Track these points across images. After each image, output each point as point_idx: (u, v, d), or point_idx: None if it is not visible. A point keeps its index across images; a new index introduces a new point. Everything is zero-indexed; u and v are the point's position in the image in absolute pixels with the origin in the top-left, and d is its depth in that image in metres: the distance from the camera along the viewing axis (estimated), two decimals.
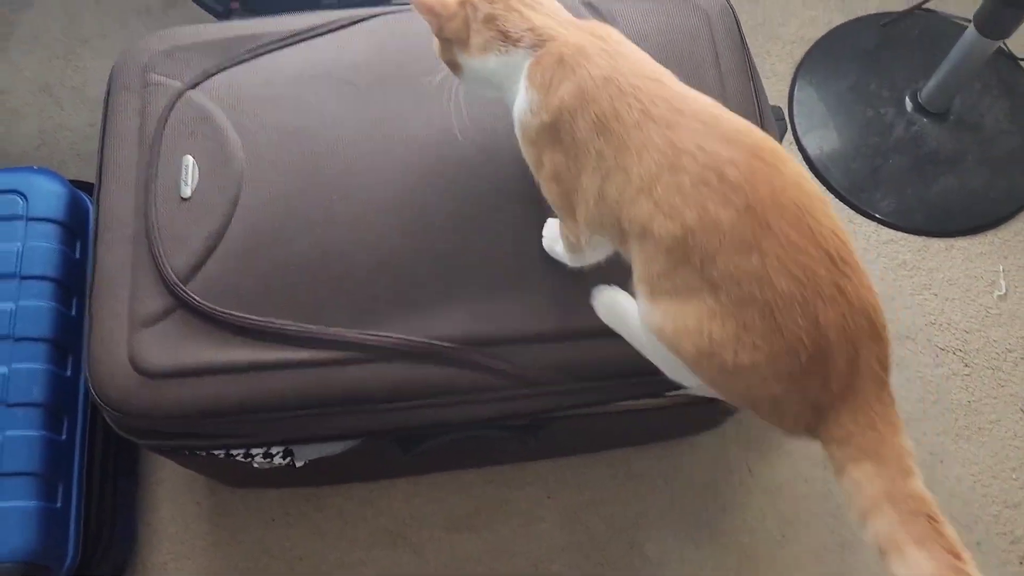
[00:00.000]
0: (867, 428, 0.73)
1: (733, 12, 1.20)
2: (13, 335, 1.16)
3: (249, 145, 1.06)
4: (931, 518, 0.69)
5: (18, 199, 1.24)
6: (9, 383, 1.14)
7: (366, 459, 1.16)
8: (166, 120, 1.08)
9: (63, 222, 1.25)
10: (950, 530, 0.69)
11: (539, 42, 0.84)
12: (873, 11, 1.75)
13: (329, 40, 1.15)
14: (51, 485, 1.13)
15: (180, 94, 1.10)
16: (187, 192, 1.04)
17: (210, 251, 1.01)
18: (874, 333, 0.74)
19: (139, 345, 0.97)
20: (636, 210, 0.78)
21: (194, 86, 1.11)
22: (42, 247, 1.22)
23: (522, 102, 0.85)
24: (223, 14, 1.46)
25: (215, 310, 0.98)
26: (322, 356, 0.97)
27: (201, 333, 0.98)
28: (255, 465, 1.11)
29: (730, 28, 1.17)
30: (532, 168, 0.90)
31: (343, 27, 1.15)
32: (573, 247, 0.92)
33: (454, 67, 0.91)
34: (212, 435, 1.01)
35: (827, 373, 0.73)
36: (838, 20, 1.74)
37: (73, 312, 1.23)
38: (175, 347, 0.97)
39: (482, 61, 0.87)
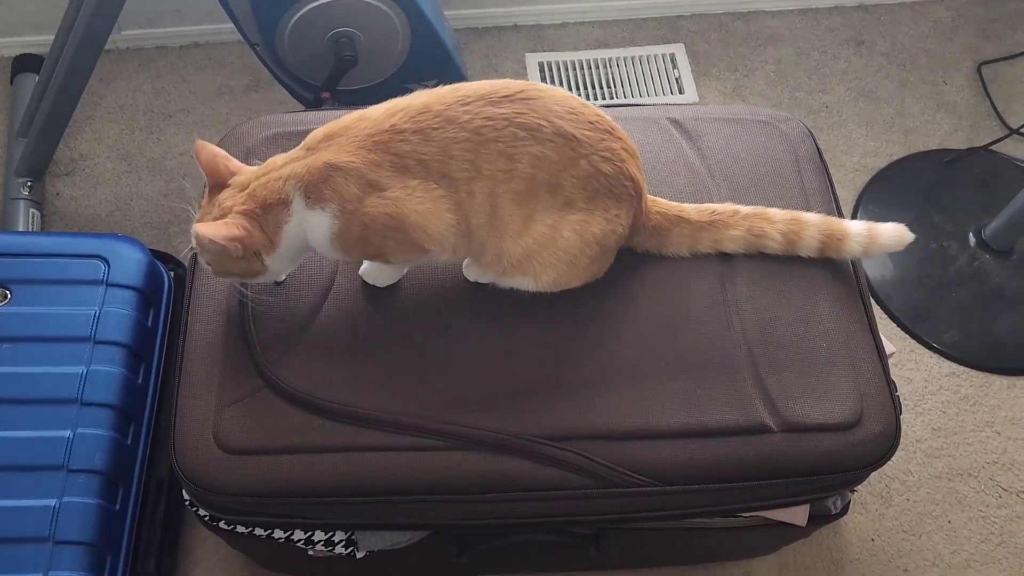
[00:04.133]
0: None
1: (813, 137, 1.23)
2: (81, 399, 1.16)
3: None
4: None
5: (100, 264, 1.26)
6: (72, 448, 1.12)
7: (422, 556, 1.13)
8: None
9: (141, 290, 1.26)
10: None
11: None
12: (934, 147, 1.79)
13: None
14: (101, 557, 1.11)
15: None
16: (281, 277, 1.05)
17: (301, 334, 1.02)
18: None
19: (225, 422, 0.96)
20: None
21: None
22: (118, 313, 1.23)
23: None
24: (313, 103, 1.51)
25: (301, 391, 0.98)
26: (404, 442, 0.96)
27: (286, 412, 0.97)
28: (310, 553, 1.08)
29: (811, 152, 1.20)
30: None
31: None
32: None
33: (256, 273, 0.95)
34: (285, 515, 0.99)
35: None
36: (899, 153, 1.78)
37: (140, 380, 1.23)
38: (259, 426, 0.97)
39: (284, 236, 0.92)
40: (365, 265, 1.04)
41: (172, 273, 1.39)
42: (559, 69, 1.88)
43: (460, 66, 1.54)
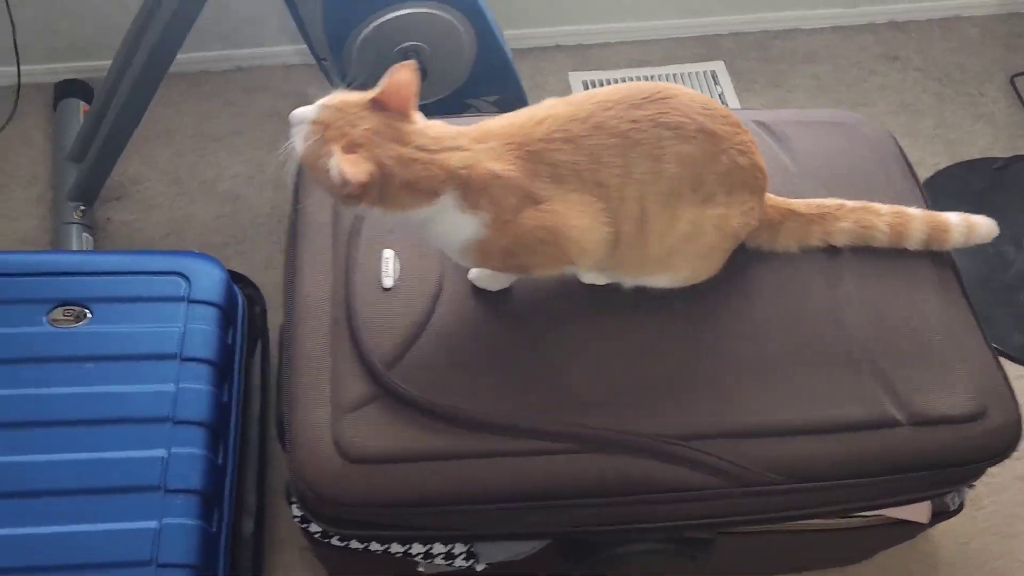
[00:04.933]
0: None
1: (895, 139, 1.24)
2: (173, 417, 1.12)
3: None
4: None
5: (181, 281, 1.23)
6: (168, 468, 1.09)
7: (540, 567, 1.10)
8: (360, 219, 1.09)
9: (222, 306, 1.24)
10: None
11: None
12: (977, 155, 1.82)
13: None
14: None
15: None
16: (388, 283, 1.04)
17: (414, 339, 1.00)
18: None
19: (344, 430, 0.94)
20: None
21: None
22: (202, 330, 1.20)
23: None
24: None
25: (420, 397, 0.96)
26: (529, 446, 0.94)
27: (406, 419, 0.95)
28: (421, 569, 1.05)
29: (895, 152, 1.22)
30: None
31: None
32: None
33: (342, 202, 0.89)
34: (406, 527, 0.96)
35: None
36: (944, 163, 1.81)
37: (225, 397, 1.20)
38: (380, 432, 0.94)
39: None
40: (476, 270, 1.03)
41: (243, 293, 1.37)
42: (603, 86, 1.89)
43: (519, 81, 1.54)
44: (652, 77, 1.92)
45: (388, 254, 1.06)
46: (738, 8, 1.98)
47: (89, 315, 1.19)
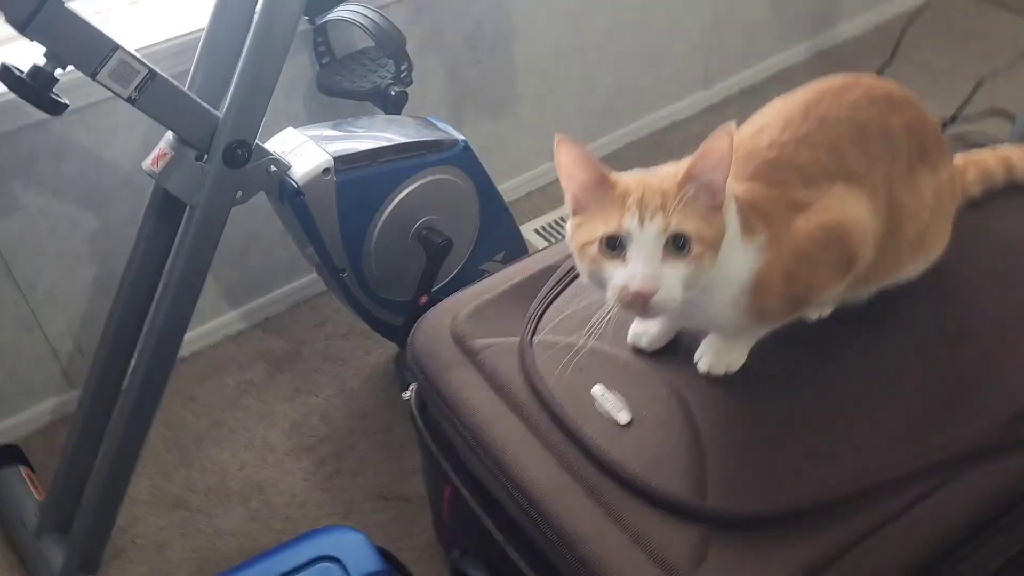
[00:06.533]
0: None
1: None
2: None
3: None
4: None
5: (331, 567, 0.97)
6: None
7: None
8: (538, 374, 0.93)
9: (385, 571, 0.98)
10: None
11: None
12: None
13: None
14: None
15: (530, 344, 0.97)
16: (625, 418, 0.87)
17: (701, 458, 0.83)
18: None
19: None
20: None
21: (534, 333, 0.98)
22: None
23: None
24: (406, 324, 1.34)
25: (760, 514, 0.78)
26: (902, 500, 0.79)
27: (757, 545, 0.77)
28: None
29: None
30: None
31: None
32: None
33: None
34: None
35: None
36: None
37: None
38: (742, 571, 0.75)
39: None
40: (708, 357, 0.89)
41: None
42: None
43: (519, 229, 1.46)
44: None
45: (598, 391, 0.90)
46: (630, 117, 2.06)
47: None
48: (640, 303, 0.73)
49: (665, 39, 1.98)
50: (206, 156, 1.03)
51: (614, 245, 0.74)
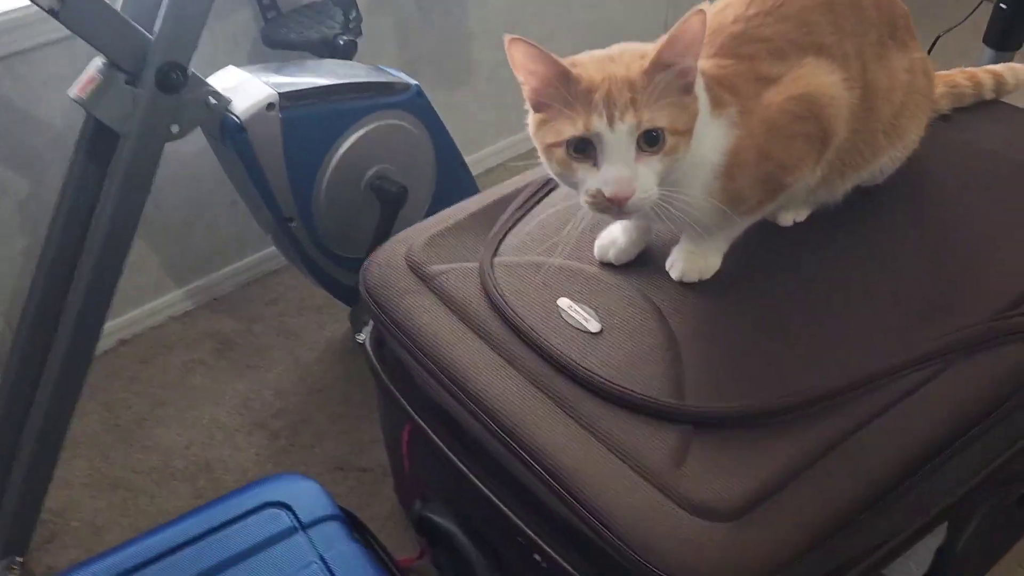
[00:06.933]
0: None
1: None
2: None
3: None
4: None
5: (280, 512, 0.88)
6: None
7: None
8: (500, 291, 0.87)
9: (341, 516, 0.90)
10: None
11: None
12: None
13: None
14: None
15: (491, 264, 0.90)
16: (595, 327, 0.81)
17: (676, 361, 0.77)
18: None
19: (684, 484, 0.68)
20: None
21: (494, 254, 0.92)
22: (341, 553, 0.85)
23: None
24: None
25: (734, 413, 0.73)
26: (892, 393, 0.75)
27: (738, 445, 0.72)
28: None
29: None
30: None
31: None
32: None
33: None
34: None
35: None
36: None
37: None
38: (724, 475, 0.69)
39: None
40: (681, 263, 0.84)
41: None
42: None
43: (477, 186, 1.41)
44: None
45: (565, 302, 0.84)
46: None
47: None
48: (616, 207, 0.69)
49: (622, 8, 1.96)
50: (138, 81, 0.96)
51: (583, 147, 0.69)
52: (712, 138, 0.73)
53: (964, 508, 0.83)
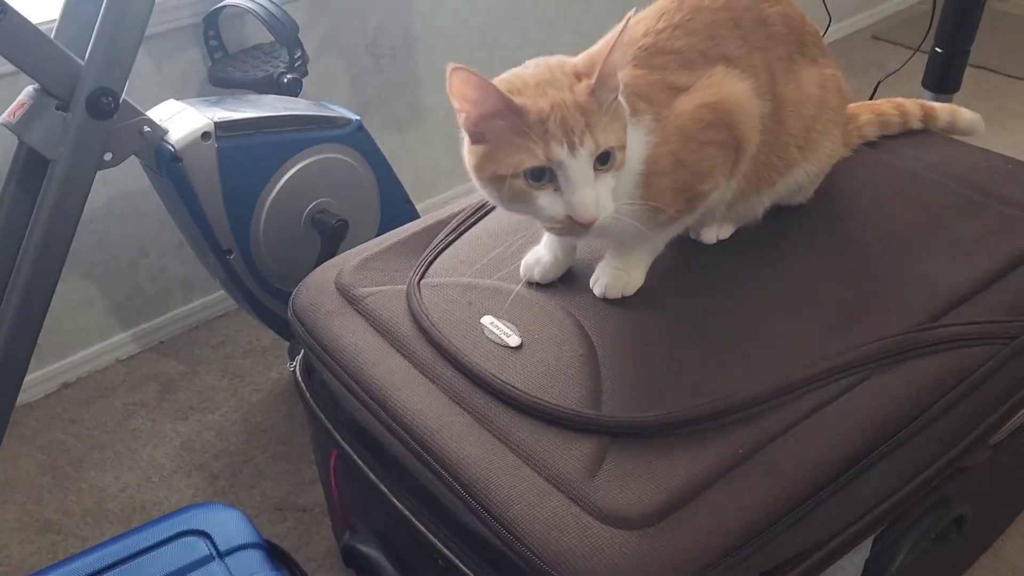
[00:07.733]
0: None
1: None
2: None
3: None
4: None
5: (198, 540, 0.85)
6: None
7: None
8: (424, 311, 0.86)
9: (263, 545, 0.87)
10: None
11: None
12: None
13: None
14: None
15: (417, 286, 0.90)
16: (515, 342, 0.80)
17: (596, 374, 0.77)
18: None
19: (599, 495, 0.67)
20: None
21: (422, 277, 0.92)
22: None
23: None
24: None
25: (650, 425, 0.72)
26: (811, 400, 0.74)
27: (654, 453, 0.70)
28: None
29: None
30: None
31: None
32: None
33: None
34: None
35: None
36: None
37: None
38: (637, 484, 0.68)
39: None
40: (604, 279, 0.84)
41: None
42: None
43: None
44: None
45: (488, 320, 0.83)
46: None
47: None
48: (584, 228, 0.71)
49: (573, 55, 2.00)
50: (69, 107, 0.96)
51: (539, 175, 0.70)
52: (632, 147, 0.74)
53: (891, 526, 0.82)
